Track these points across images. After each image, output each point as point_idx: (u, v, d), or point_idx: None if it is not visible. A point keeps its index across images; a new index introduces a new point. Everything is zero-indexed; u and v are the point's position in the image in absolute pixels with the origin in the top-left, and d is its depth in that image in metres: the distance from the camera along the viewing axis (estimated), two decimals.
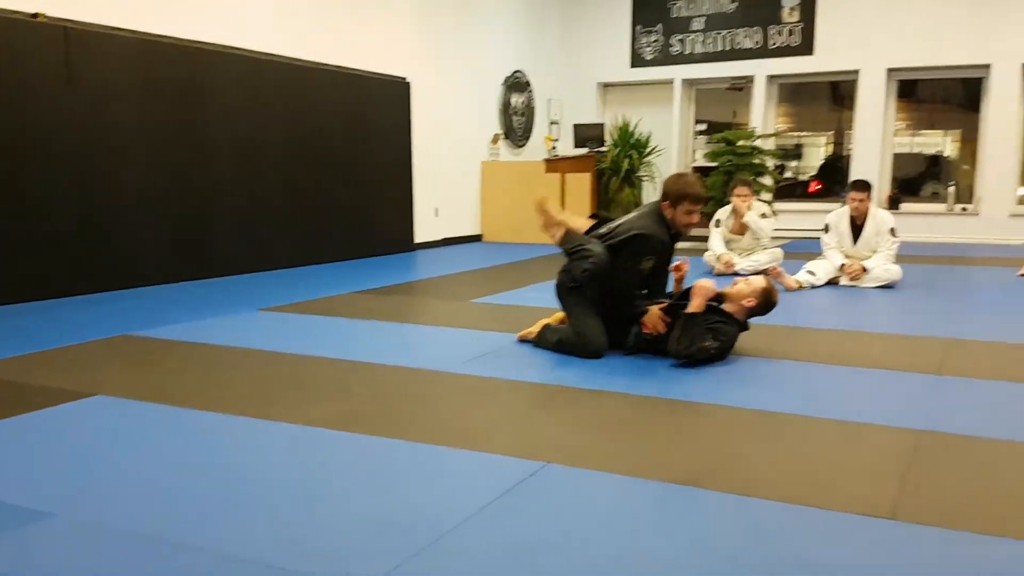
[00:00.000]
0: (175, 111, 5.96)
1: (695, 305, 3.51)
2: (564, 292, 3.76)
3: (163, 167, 5.89)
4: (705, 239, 6.97)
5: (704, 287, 3.54)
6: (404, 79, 8.29)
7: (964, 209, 9.53)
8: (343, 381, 3.25)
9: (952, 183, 9.73)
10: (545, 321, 3.93)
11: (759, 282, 3.66)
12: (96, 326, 4.33)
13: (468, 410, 2.89)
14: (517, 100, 10.34)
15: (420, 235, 8.78)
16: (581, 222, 3.88)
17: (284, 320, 4.59)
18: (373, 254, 8.00)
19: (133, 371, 3.41)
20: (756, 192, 7.37)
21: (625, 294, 3.69)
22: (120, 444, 2.49)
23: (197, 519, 1.95)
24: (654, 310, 3.62)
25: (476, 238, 9.83)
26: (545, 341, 3.81)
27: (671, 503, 2.05)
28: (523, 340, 3.96)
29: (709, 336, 3.48)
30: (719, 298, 3.67)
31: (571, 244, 3.74)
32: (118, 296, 5.39)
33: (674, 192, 3.68)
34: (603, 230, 3.80)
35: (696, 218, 3.70)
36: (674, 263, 3.88)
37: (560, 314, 3.91)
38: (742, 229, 6.53)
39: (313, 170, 7.22)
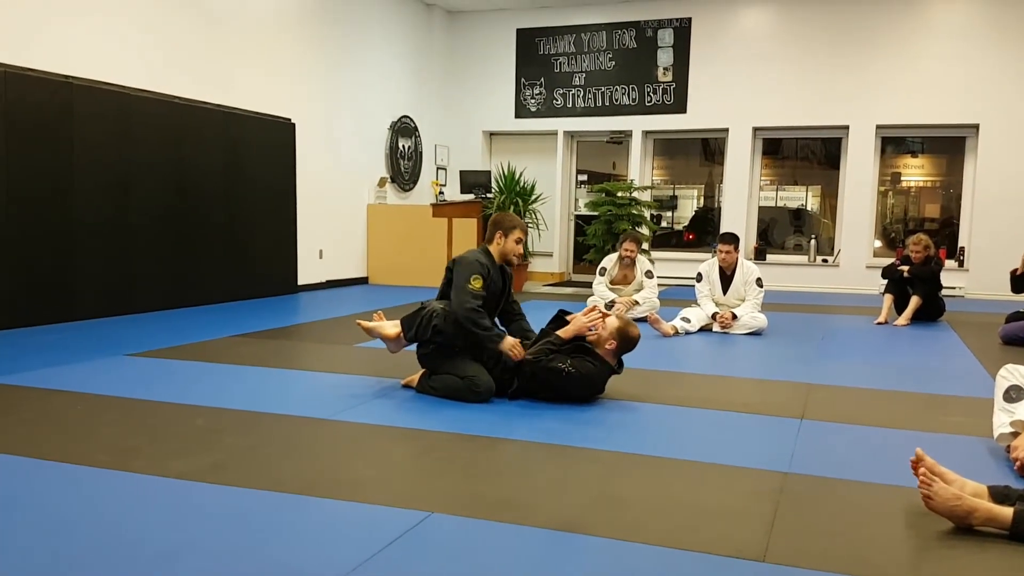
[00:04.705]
0: (39, 146, 5.63)
1: (567, 330, 3.69)
2: (435, 359, 3.78)
3: (23, 204, 5.54)
4: (590, 284, 7.17)
5: (580, 322, 3.71)
6: (289, 119, 8.16)
7: (825, 260, 10.19)
8: (213, 431, 3.10)
9: (813, 236, 10.39)
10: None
11: (612, 323, 3.75)
12: None
13: (347, 459, 2.82)
14: (405, 144, 10.36)
15: (304, 277, 8.58)
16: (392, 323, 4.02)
17: (153, 366, 4.36)
18: (253, 296, 7.75)
19: None
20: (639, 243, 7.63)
21: (471, 319, 3.68)
22: None
23: None
24: (509, 337, 3.74)
25: (362, 280, 9.70)
26: (430, 388, 3.78)
27: (554, 550, 2.05)
28: (407, 386, 3.92)
29: (568, 360, 3.57)
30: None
31: (412, 322, 3.81)
32: None
33: (507, 223, 4.04)
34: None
35: (521, 248, 4.06)
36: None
37: None
38: (625, 279, 6.76)
39: (189, 209, 6.96)
